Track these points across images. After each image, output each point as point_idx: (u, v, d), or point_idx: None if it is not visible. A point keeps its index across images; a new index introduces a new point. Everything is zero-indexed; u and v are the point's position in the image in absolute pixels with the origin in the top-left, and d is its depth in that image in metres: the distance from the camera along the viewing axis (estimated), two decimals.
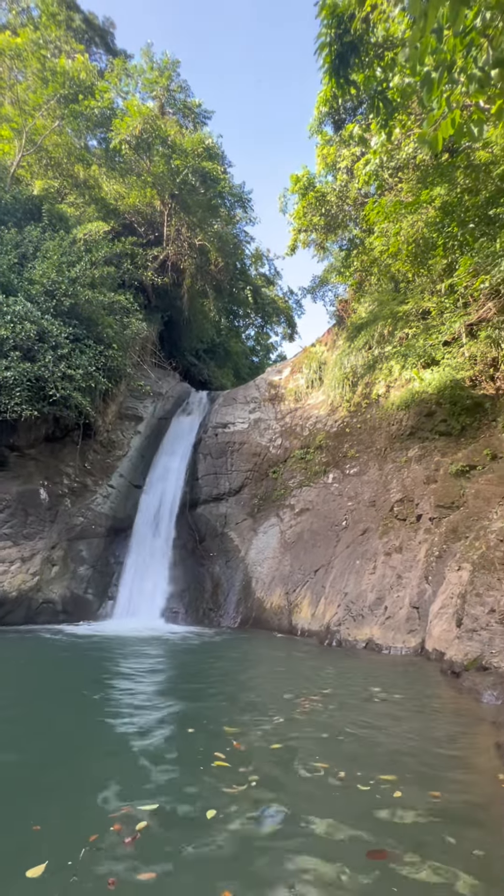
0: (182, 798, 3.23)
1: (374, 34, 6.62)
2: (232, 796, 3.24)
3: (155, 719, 4.99)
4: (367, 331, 14.31)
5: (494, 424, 10.73)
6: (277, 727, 4.82)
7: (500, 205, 8.39)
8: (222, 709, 5.64)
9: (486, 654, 7.20)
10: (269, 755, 4.06)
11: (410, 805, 3.18)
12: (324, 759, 3.95)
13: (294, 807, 3.14)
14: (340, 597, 11.60)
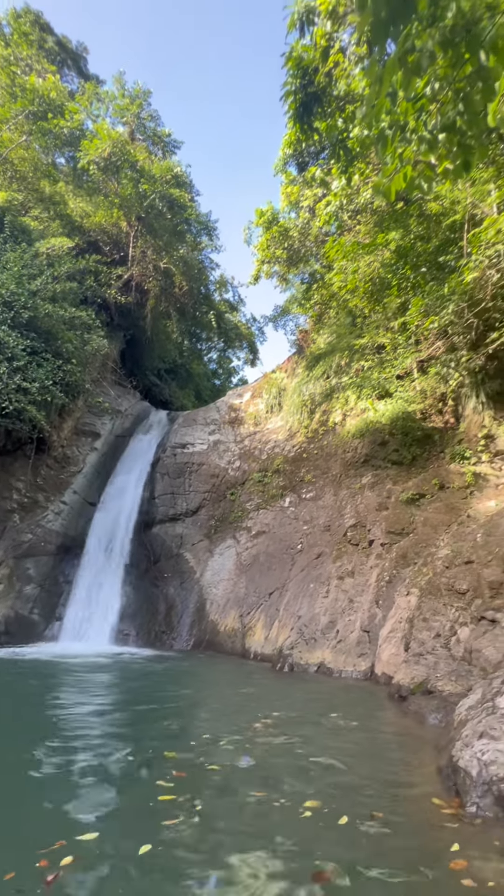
0: (117, 832, 3.13)
1: (336, 88, 7.13)
2: (170, 829, 3.16)
3: (95, 746, 4.87)
4: (326, 361, 14.89)
5: (443, 456, 11.35)
6: (224, 753, 4.83)
7: (449, 253, 9.09)
8: (168, 734, 5.55)
9: (432, 678, 7.48)
10: (213, 782, 4.05)
11: (352, 829, 3.28)
12: (267, 786, 3.99)
13: (233, 835, 3.14)
14: (294, 620, 11.77)
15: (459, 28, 4.08)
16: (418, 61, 4.31)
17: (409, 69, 4.37)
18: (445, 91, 4.58)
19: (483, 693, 5.56)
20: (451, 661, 7.72)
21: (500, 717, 4.72)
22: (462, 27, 4.07)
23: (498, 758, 4.18)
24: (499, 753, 4.23)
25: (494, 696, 5.20)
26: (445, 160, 5.00)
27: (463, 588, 8.29)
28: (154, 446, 18.49)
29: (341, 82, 6.77)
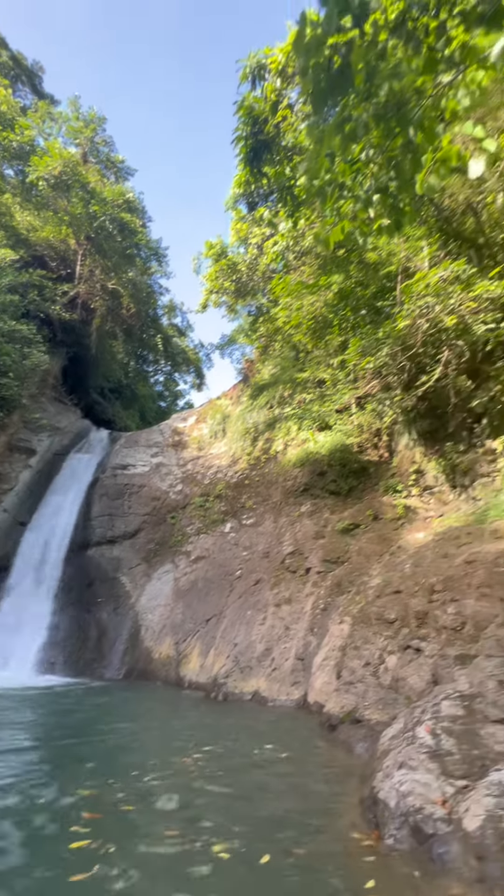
0: (18, 890, 2.94)
1: (284, 139, 7.52)
2: (78, 884, 2.99)
3: (5, 789, 4.59)
4: (270, 391, 15.27)
5: (377, 488, 11.83)
6: (147, 791, 4.71)
7: (385, 299, 9.70)
8: (89, 773, 5.29)
9: (360, 707, 7.62)
10: (131, 825, 3.92)
11: (270, 869, 3.29)
12: (189, 826, 3.92)
13: (148, 884, 3.05)
14: (230, 647, 11.70)
15: (391, 105, 4.45)
16: (354, 129, 4.65)
17: (346, 135, 4.71)
18: (379, 158, 4.95)
19: (405, 722, 5.75)
20: (380, 690, 7.89)
21: (419, 748, 4.91)
22: (394, 105, 4.44)
23: (415, 788, 4.33)
24: (416, 784, 4.39)
25: (414, 726, 5.39)
26: (379, 218, 5.37)
27: (392, 617, 8.55)
28: (93, 466, 18.09)
29: (289, 135, 7.19)
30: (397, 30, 3.99)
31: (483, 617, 6.94)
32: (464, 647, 6.88)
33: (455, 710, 5.35)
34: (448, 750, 4.74)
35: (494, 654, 5.88)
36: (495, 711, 4.99)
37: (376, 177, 5.05)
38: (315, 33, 4.18)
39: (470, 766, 4.47)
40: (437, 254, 9.67)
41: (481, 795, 3.89)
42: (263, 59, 7.28)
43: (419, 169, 4.74)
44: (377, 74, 4.32)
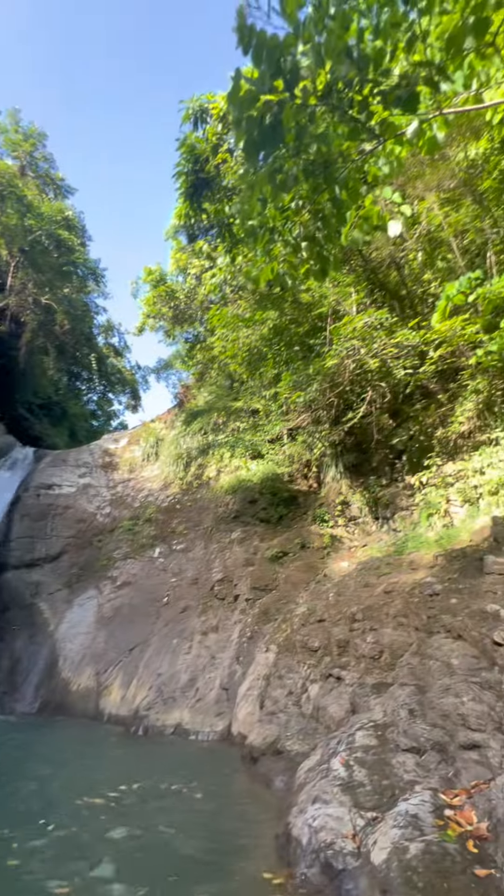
0: None
1: (224, 178, 7.77)
2: None
3: None
4: (204, 417, 15.37)
5: (305, 517, 12.13)
6: (46, 841, 4.47)
7: (316, 337, 10.17)
8: None
9: (282, 738, 7.57)
10: (13, 885, 3.69)
11: None
12: (87, 880, 3.76)
13: None
14: (154, 678, 11.37)
15: (319, 164, 4.74)
16: (285, 180, 4.89)
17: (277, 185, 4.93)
18: (307, 209, 5.22)
19: (322, 754, 5.82)
20: (301, 719, 7.92)
21: (333, 780, 4.98)
22: (321, 163, 4.73)
23: (327, 823, 4.38)
24: (328, 818, 4.44)
25: (330, 758, 5.48)
26: (307, 263, 5.64)
27: (315, 645, 8.68)
28: (15, 484, 17.21)
29: (229, 176, 7.47)
30: (325, 98, 4.28)
31: (399, 645, 7.22)
32: (381, 676, 7.11)
33: (368, 740, 5.50)
34: (360, 781, 4.85)
35: (407, 682, 6.12)
36: (405, 740, 5.18)
37: (305, 225, 5.32)
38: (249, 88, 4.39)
39: (380, 797, 4.60)
40: (364, 301, 10.34)
41: (389, 827, 3.99)
42: (206, 104, 7.57)
43: (344, 223, 5.04)
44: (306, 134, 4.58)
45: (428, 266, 10.71)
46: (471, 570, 7.32)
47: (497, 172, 9.02)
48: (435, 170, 9.36)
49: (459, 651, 5.88)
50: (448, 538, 8.74)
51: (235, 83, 4.38)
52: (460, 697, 5.18)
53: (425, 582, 7.63)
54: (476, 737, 4.74)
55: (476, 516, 8.63)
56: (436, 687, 5.61)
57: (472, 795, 4.23)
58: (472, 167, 9.22)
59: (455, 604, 6.67)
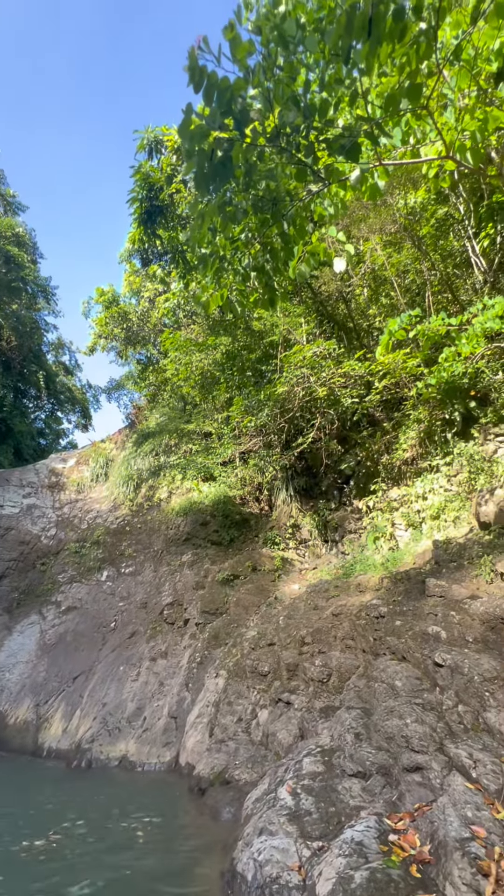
0: None
1: (178, 207, 7.89)
2: None
3: None
4: (156, 439, 15.23)
5: (257, 540, 12.16)
6: None
7: (268, 364, 10.39)
8: None
9: (231, 767, 7.41)
10: None
11: None
12: None
13: None
14: (98, 708, 10.93)
15: (267, 200, 4.91)
16: (234, 213, 5.04)
17: (227, 216, 5.07)
18: (256, 240, 5.38)
19: (269, 783, 5.76)
20: (251, 747, 7.80)
21: (280, 810, 4.93)
22: (269, 200, 4.90)
23: (273, 856, 4.32)
24: (274, 851, 4.38)
25: (277, 787, 5.42)
26: (256, 293, 5.79)
27: (265, 670, 8.63)
28: None
29: (182, 206, 7.61)
30: (273, 140, 4.46)
31: (347, 668, 7.30)
32: (329, 699, 7.14)
33: (316, 766, 5.50)
34: (307, 809, 4.83)
35: (354, 705, 6.18)
36: (351, 765, 5.21)
37: (254, 256, 5.47)
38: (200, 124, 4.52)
39: (327, 825, 4.59)
40: (314, 331, 10.71)
41: (334, 856, 3.99)
42: (161, 136, 7.73)
43: (292, 257, 5.22)
44: (255, 172, 4.74)
45: (373, 301, 11.27)
46: (414, 592, 7.54)
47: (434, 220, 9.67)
48: (378, 214, 9.92)
49: (403, 673, 6.02)
50: (393, 561, 8.99)
51: (186, 117, 4.50)
52: (404, 719, 5.28)
53: (371, 604, 7.78)
54: (419, 758, 4.84)
55: (419, 540, 8.94)
56: (381, 709, 5.70)
57: (415, 818, 4.30)
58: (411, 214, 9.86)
59: (399, 626, 6.83)
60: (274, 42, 3.36)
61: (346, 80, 3.46)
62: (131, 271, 15.60)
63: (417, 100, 3.01)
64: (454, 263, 10.59)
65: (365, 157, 3.95)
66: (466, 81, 3.34)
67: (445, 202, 9.64)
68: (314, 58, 3.53)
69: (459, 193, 8.93)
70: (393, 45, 2.78)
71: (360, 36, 2.66)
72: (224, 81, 3.90)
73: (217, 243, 5.49)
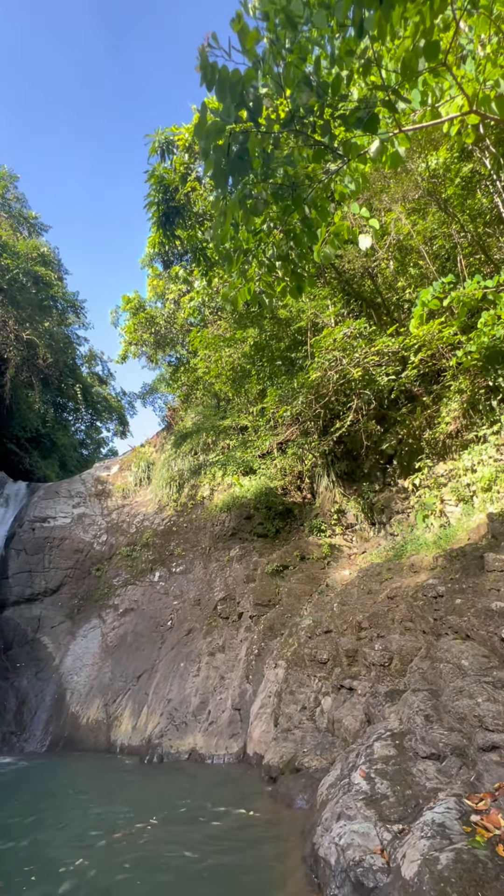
0: None
1: (195, 206, 7.88)
2: None
3: None
4: (193, 438, 15.40)
5: (302, 529, 12.14)
6: (65, 882, 4.39)
7: (298, 351, 10.28)
8: (4, 864, 4.88)
9: (299, 755, 7.46)
10: None
11: None
12: None
13: None
14: (164, 704, 11.20)
15: (287, 186, 4.84)
16: (255, 205, 5.00)
17: (248, 209, 5.03)
18: (278, 229, 5.33)
19: (341, 768, 5.76)
20: (317, 734, 7.84)
21: (355, 795, 4.93)
22: (289, 186, 4.83)
23: (354, 840, 4.32)
24: (355, 835, 4.38)
25: (350, 772, 5.42)
26: (282, 282, 5.74)
27: (324, 657, 8.63)
28: (9, 520, 17.06)
29: (199, 203, 7.62)
30: (288, 124, 4.38)
31: (408, 651, 7.20)
32: (392, 683, 7.07)
33: (387, 750, 5.46)
34: (383, 793, 4.80)
35: (420, 687, 6.10)
36: (424, 747, 5.15)
37: (277, 245, 5.41)
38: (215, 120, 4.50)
39: (405, 808, 4.56)
40: (342, 312, 10.51)
41: (416, 838, 3.95)
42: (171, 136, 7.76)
43: (315, 241, 5.15)
44: (273, 160, 4.68)
45: (400, 274, 10.95)
46: (472, 568, 7.35)
47: (459, 179, 9.28)
48: (399, 182, 9.62)
49: (469, 651, 5.89)
50: (446, 538, 8.79)
51: (202, 116, 4.48)
52: (475, 699, 5.18)
53: (428, 584, 7.65)
54: (495, 738, 4.74)
55: (472, 514, 8.70)
56: (449, 690, 5.61)
57: (496, 798, 4.21)
58: (434, 177, 9.50)
59: (460, 604, 6.69)
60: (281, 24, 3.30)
61: (357, 50, 3.36)
62: (154, 275, 15.77)
63: (435, 58, 2.89)
64: (484, 222, 10.10)
65: (383, 127, 3.84)
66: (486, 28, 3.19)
67: (469, 159, 9.22)
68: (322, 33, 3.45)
69: (485, 147, 8.52)
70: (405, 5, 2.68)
71: (372, 4, 2.57)
72: (235, 74, 3.86)
73: (240, 238, 5.47)
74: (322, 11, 3.30)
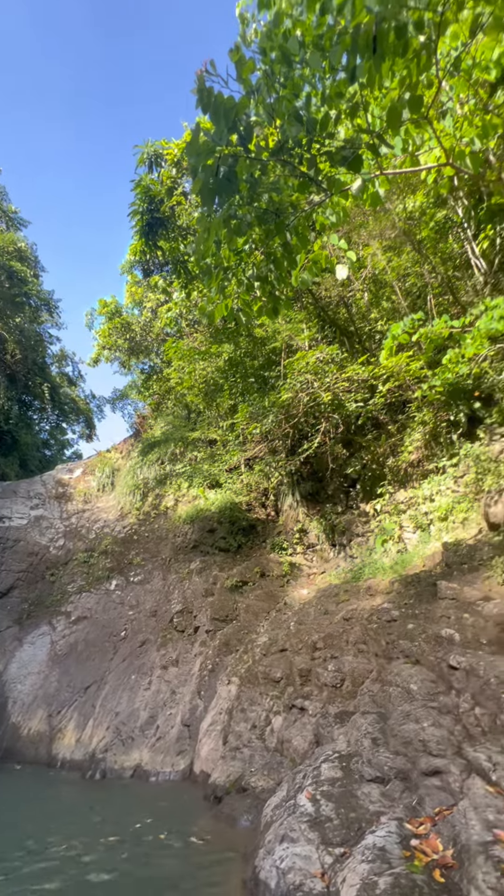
0: None
1: (179, 219, 7.98)
2: None
3: None
4: (161, 448, 15.34)
5: (264, 545, 12.20)
6: None
7: (271, 370, 10.49)
8: None
9: (247, 774, 7.39)
10: None
11: None
12: None
13: None
14: (111, 717, 10.91)
15: (271, 211, 4.97)
16: (239, 225, 5.11)
17: (232, 229, 5.14)
18: (260, 251, 5.45)
19: (288, 789, 5.76)
20: (266, 754, 7.78)
21: (300, 817, 4.93)
22: (273, 211, 4.97)
23: (295, 863, 4.33)
24: (297, 858, 4.38)
25: (296, 793, 5.42)
26: (259, 302, 5.85)
27: (277, 676, 8.62)
28: None
29: (183, 217, 7.73)
30: (276, 153, 4.52)
31: (360, 673, 7.30)
32: (343, 705, 7.14)
33: (334, 772, 5.50)
34: (328, 816, 4.83)
35: (369, 710, 6.19)
36: (370, 770, 5.21)
37: (257, 266, 5.53)
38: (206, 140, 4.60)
39: (348, 831, 4.59)
40: (316, 336, 10.83)
41: (357, 862, 3.99)
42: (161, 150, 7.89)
43: (294, 265, 5.29)
44: (259, 185, 4.81)
45: (374, 306, 11.38)
46: (426, 595, 7.54)
47: (433, 223, 9.80)
48: (377, 220, 10.05)
49: (418, 676, 6.02)
50: (402, 564, 9.00)
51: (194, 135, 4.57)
52: (421, 723, 5.29)
53: (383, 608, 7.79)
54: (437, 762, 4.84)
55: (428, 542, 8.95)
56: (397, 713, 5.70)
57: (436, 823, 4.30)
58: (410, 218, 10.00)
59: (412, 629, 6.84)
60: (277, 60, 3.43)
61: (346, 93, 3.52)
62: (133, 282, 15.79)
63: (418, 110, 3.07)
64: (454, 266, 10.69)
65: (366, 167, 4.02)
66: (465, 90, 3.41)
67: (444, 206, 9.76)
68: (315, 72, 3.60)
69: (458, 197, 9.03)
70: (394, 59, 2.84)
71: (365, 53, 2.73)
72: (230, 100, 3.98)
73: (221, 255, 5.56)
74: (317, 53, 3.45)
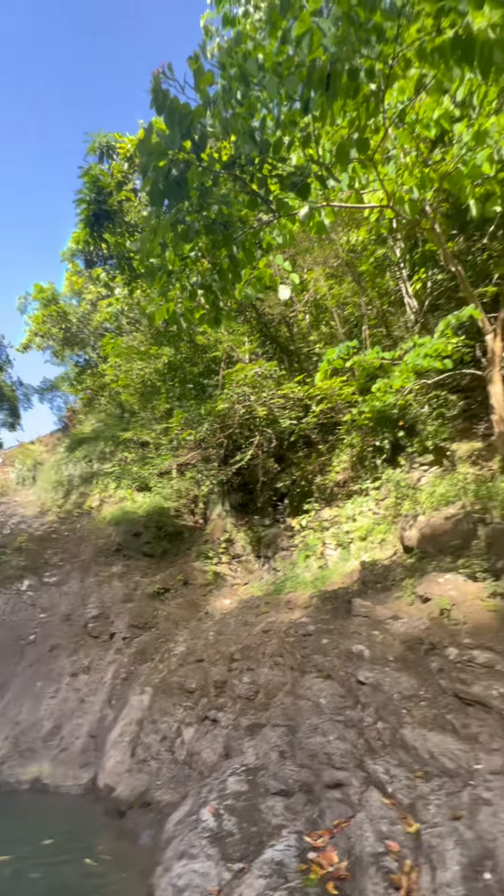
0: None
1: (127, 215, 7.84)
2: None
3: None
4: (90, 445, 14.87)
5: (189, 553, 12.11)
6: None
7: (210, 379, 10.54)
8: None
9: (152, 787, 7.22)
10: None
11: None
12: None
13: None
14: (10, 727, 10.28)
15: (219, 222, 5.00)
16: (186, 231, 5.09)
17: (178, 234, 5.11)
18: (206, 260, 5.45)
19: (192, 804, 5.68)
20: (174, 766, 7.66)
21: (201, 832, 4.88)
22: (221, 223, 4.99)
23: (192, 881, 4.26)
24: (195, 875, 4.32)
25: (200, 808, 5.36)
26: (202, 310, 5.85)
27: (192, 686, 8.53)
28: None
29: (131, 214, 7.61)
30: (228, 167, 4.56)
31: (274, 685, 7.37)
32: (255, 717, 7.16)
33: (240, 785, 5.49)
34: (229, 830, 4.81)
35: (279, 723, 6.25)
36: (275, 783, 5.25)
37: (202, 274, 5.53)
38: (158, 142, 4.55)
39: (248, 846, 4.59)
40: (257, 350, 11.07)
41: (254, 878, 3.99)
42: (114, 142, 7.73)
43: (239, 279, 5.34)
44: (210, 195, 4.82)
45: (314, 328, 11.84)
46: (341, 611, 7.78)
47: (373, 259, 10.38)
48: (322, 248, 10.50)
49: (328, 690, 6.17)
50: (322, 579, 9.25)
51: (147, 135, 4.52)
52: (327, 736, 5.41)
53: (300, 622, 7.94)
54: (340, 775, 4.97)
55: (347, 560, 9.28)
56: (305, 726, 5.80)
57: (334, 835, 4.40)
58: (353, 251, 10.53)
59: (326, 644, 7.02)
60: (235, 77, 3.48)
61: (300, 123, 3.63)
62: (74, 271, 15.29)
63: (365, 152, 3.22)
64: (389, 301, 11.34)
65: (314, 196, 4.14)
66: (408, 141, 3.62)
67: (384, 244, 10.39)
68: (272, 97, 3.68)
69: (396, 238, 9.60)
70: (346, 100, 2.97)
71: (319, 88, 2.83)
72: (185, 107, 3.97)
73: (166, 258, 5.50)
74: (275, 79, 3.53)
